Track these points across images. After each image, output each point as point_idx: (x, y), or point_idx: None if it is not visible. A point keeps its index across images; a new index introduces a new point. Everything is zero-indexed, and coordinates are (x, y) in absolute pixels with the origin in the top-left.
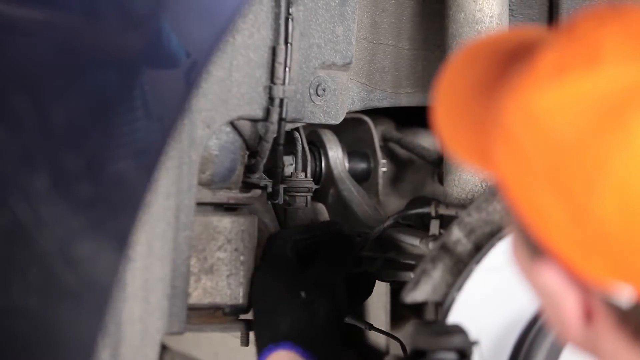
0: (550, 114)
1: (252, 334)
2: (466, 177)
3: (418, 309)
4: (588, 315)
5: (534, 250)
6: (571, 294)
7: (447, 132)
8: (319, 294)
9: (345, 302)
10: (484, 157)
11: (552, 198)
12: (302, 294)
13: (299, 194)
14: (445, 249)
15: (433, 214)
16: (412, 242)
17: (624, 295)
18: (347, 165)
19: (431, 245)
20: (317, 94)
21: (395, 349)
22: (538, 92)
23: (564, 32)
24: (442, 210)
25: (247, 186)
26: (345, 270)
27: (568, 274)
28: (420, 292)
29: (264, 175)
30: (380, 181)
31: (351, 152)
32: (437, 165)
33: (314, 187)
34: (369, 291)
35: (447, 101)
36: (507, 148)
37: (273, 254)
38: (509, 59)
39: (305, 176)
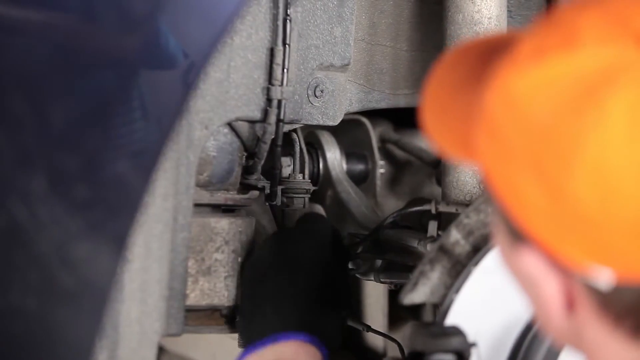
0: (529, 96)
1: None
2: (464, 178)
3: (416, 310)
4: (570, 303)
5: (515, 236)
6: (552, 279)
7: (433, 129)
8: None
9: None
10: (469, 149)
11: (530, 180)
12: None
13: (296, 196)
14: (443, 250)
15: (433, 211)
16: (410, 243)
17: (604, 278)
18: (345, 166)
19: (429, 246)
20: (315, 95)
21: (393, 351)
22: (517, 75)
23: (544, 20)
24: (442, 208)
25: (244, 187)
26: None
27: (548, 258)
28: (418, 294)
29: (261, 176)
30: (378, 182)
31: (349, 154)
32: (435, 167)
33: (312, 188)
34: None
35: (434, 99)
36: (489, 134)
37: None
38: (493, 55)
39: (303, 177)
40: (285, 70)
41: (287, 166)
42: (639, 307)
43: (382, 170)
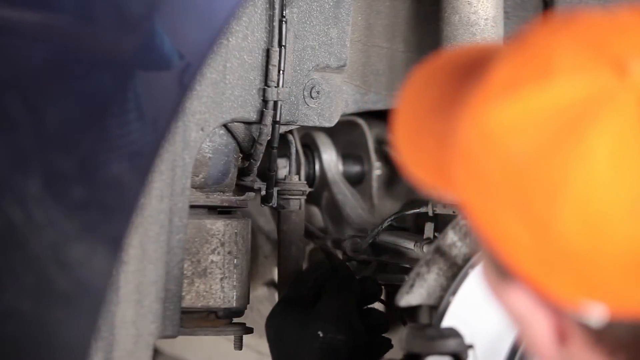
0: (506, 131)
1: (245, 338)
2: None
3: (412, 312)
4: (562, 337)
5: (501, 272)
6: (541, 316)
7: (407, 155)
8: (335, 329)
9: (362, 329)
10: (446, 179)
11: (513, 217)
12: (320, 333)
13: (292, 197)
14: (440, 252)
15: (430, 213)
16: (407, 245)
17: (595, 315)
18: (341, 168)
19: (426, 248)
20: (311, 97)
21: (391, 353)
22: (492, 108)
23: (515, 44)
24: (439, 210)
25: (240, 189)
26: (352, 296)
27: (537, 295)
28: (414, 296)
29: (257, 178)
30: (375, 184)
31: (345, 155)
32: None
33: (308, 190)
34: (386, 347)
35: (406, 121)
36: (466, 168)
37: (287, 298)
38: (466, 75)
39: (299, 179)
40: (281, 71)
41: (283, 168)
42: (632, 342)
43: (378, 172)
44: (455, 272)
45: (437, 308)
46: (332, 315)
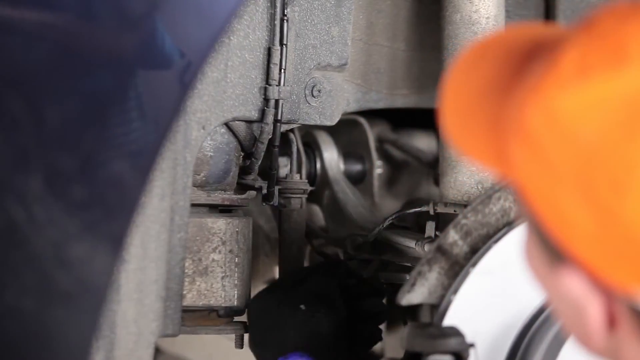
0: (575, 116)
1: (247, 337)
2: (462, 179)
3: (414, 311)
4: (611, 322)
5: (554, 255)
6: (595, 301)
7: (456, 133)
8: (318, 304)
9: (344, 309)
10: (499, 159)
11: (576, 202)
12: (302, 306)
13: (294, 196)
14: (441, 251)
15: (431, 212)
16: (408, 244)
17: None
18: (342, 166)
19: (427, 247)
20: (313, 95)
21: (391, 352)
22: (561, 93)
23: (584, 29)
24: (440, 209)
25: (241, 188)
26: (337, 278)
27: (592, 279)
28: (416, 295)
29: (258, 177)
30: (376, 183)
31: (346, 154)
32: (433, 167)
33: (309, 188)
34: (375, 339)
35: (456, 100)
36: (527, 150)
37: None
38: (525, 57)
39: (300, 178)
40: (282, 70)
41: (284, 166)
42: None
43: (379, 171)
44: (456, 271)
45: (438, 307)
46: (314, 292)
